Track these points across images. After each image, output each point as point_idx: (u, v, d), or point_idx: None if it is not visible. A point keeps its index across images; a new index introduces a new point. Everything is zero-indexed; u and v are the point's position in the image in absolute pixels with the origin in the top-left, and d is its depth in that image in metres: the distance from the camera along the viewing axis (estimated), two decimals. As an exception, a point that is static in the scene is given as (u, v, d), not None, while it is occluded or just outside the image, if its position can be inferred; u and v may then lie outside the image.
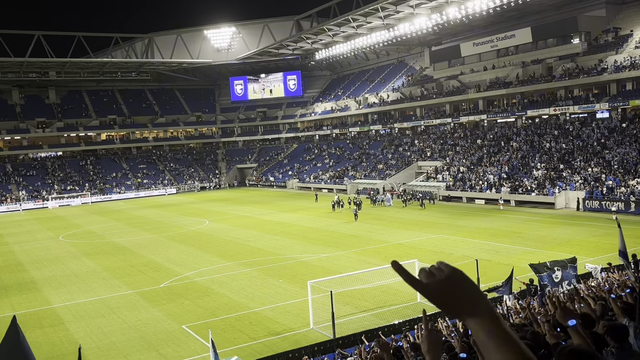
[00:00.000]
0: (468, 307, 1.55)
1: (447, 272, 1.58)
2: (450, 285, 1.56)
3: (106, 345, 19.05)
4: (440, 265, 1.61)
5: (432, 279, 1.57)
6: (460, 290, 1.56)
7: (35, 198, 76.02)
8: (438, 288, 1.55)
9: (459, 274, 1.58)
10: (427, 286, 1.57)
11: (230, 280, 27.06)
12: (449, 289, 1.55)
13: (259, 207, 58.10)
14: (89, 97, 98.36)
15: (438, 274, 1.58)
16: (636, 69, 49.18)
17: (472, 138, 63.12)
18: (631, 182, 40.87)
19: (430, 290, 1.56)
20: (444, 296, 1.55)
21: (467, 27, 68.36)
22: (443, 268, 1.60)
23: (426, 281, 1.57)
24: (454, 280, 1.57)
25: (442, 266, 1.61)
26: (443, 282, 1.56)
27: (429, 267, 1.62)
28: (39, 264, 34.41)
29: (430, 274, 1.59)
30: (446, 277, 1.57)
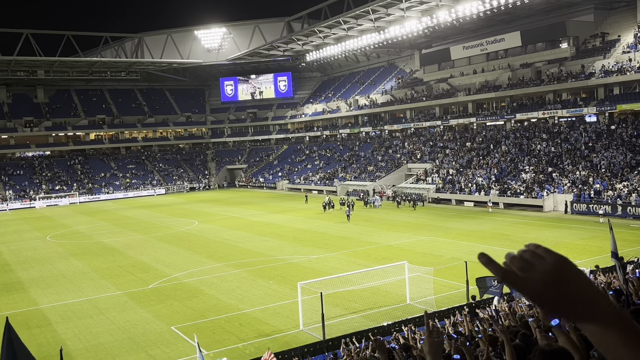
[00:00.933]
0: (584, 307, 1.20)
1: (551, 260, 1.23)
2: (558, 279, 1.21)
3: (94, 346, 18.92)
4: (539, 251, 1.25)
5: (531, 271, 1.22)
6: (572, 285, 1.21)
7: (22, 198, 75.35)
8: (542, 283, 1.21)
9: (566, 263, 1.24)
10: (526, 281, 1.22)
11: (220, 281, 26.98)
12: (556, 283, 1.21)
13: (249, 208, 57.99)
14: (77, 96, 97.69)
15: (540, 264, 1.22)
16: (623, 74, 49.71)
17: (462, 141, 63.46)
18: (618, 186, 41.29)
19: (531, 286, 1.22)
20: (550, 293, 1.21)
21: (458, 31, 68.76)
22: (544, 255, 1.24)
23: (524, 274, 1.23)
24: (562, 271, 1.22)
25: (541, 252, 1.25)
26: (548, 275, 1.21)
27: (522, 253, 1.26)
28: (26, 264, 34.10)
29: (529, 264, 1.23)
30: (552, 268, 1.22)
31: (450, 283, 23.74)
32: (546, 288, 1.20)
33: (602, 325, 1.19)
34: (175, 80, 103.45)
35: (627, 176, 42.26)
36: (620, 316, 1.20)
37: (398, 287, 22.58)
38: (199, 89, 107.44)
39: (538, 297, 1.22)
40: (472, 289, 20.48)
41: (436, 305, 20.53)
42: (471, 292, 20.13)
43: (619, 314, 1.20)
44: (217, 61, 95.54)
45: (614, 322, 1.19)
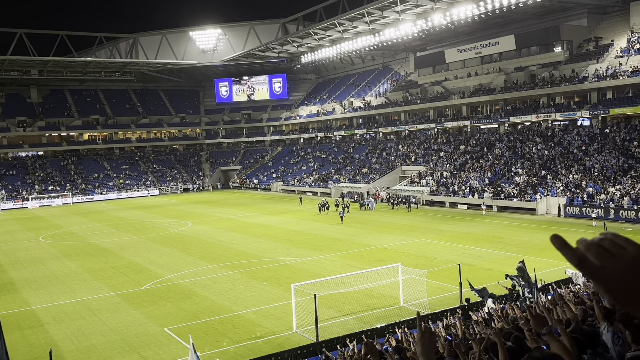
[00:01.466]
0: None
1: (632, 250, 1.17)
2: (638, 271, 1.14)
3: (87, 347, 18.84)
4: (618, 240, 1.19)
5: (609, 260, 1.16)
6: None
7: (14, 198, 74.92)
8: (619, 274, 1.14)
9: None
10: (603, 270, 1.16)
11: (213, 282, 26.93)
12: (635, 275, 1.14)
13: (243, 209, 57.91)
14: (71, 96, 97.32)
15: (619, 254, 1.16)
16: (616, 78, 50.02)
17: (456, 144, 63.64)
18: (611, 189, 41.50)
19: (608, 276, 1.16)
20: (627, 284, 1.14)
21: (452, 34, 68.98)
22: (623, 244, 1.18)
23: (600, 263, 1.17)
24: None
25: (621, 242, 1.19)
26: (628, 266, 1.14)
27: (600, 241, 1.20)
28: (18, 264, 33.92)
29: (608, 253, 1.17)
30: (633, 260, 1.15)
31: (444, 285, 23.80)
32: (624, 279, 1.14)
33: None
34: (169, 81, 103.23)
35: (620, 180, 42.50)
36: None
37: (392, 290, 22.60)
38: (194, 90, 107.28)
39: (614, 288, 1.16)
40: (465, 292, 20.54)
41: (430, 307, 20.56)
42: (464, 295, 20.19)
43: None
44: (212, 62, 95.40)
45: None
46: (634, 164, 43.75)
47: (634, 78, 48.42)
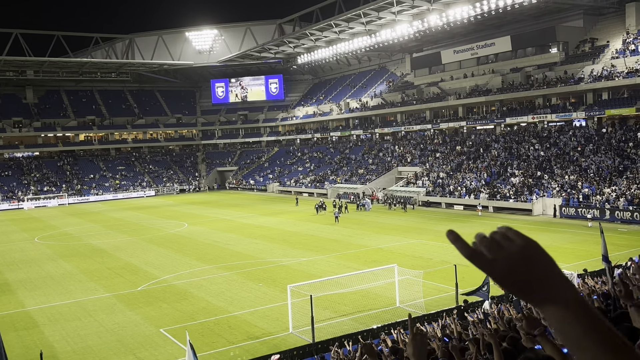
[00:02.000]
0: (549, 292, 1.20)
1: (519, 242, 1.23)
2: (525, 262, 1.21)
3: (82, 348, 18.79)
4: (509, 233, 1.26)
5: (499, 252, 1.23)
6: (538, 269, 1.21)
7: (10, 199, 74.68)
8: (507, 264, 1.21)
9: (534, 246, 1.23)
10: (493, 263, 1.23)
11: (209, 283, 26.89)
12: (522, 266, 1.21)
13: (239, 210, 57.86)
14: (67, 97, 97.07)
15: (507, 246, 1.23)
16: (612, 79, 50.18)
17: (452, 144, 63.72)
18: (606, 190, 41.62)
19: (497, 267, 1.22)
20: (516, 276, 1.21)
21: (448, 35, 69.09)
22: (513, 237, 1.25)
23: (491, 256, 1.23)
24: (529, 254, 1.22)
25: (511, 234, 1.26)
26: (514, 257, 1.21)
27: (492, 235, 1.28)
28: (14, 265, 33.80)
29: (497, 245, 1.24)
30: (519, 250, 1.22)
31: (440, 286, 23.82)
32: (512, 270, 1.20)
33: (563, 311, 1.19)
34: (165, 81, 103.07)
35: (616, 181, 42.62)
36: (580, 298, 1.20)
37: (388, 290, 22.61)
38: (190, 90, 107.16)
39: (503, 278, 1.22)
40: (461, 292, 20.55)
41: (426, 308, 20.58)
42: (461, 296, 20.20)
43: (582, 302, 1.20)
44: (208, 63, 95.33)
45: (573, 303, 1.19)
46: (629, 165, 43.88)
47: (630, 79, 48.59)
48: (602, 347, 1.14)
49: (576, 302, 1.20)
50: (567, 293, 1.21)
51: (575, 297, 1.20)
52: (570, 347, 1.18)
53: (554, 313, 1.20)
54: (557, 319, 1.20)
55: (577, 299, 1.20)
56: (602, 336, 1.15)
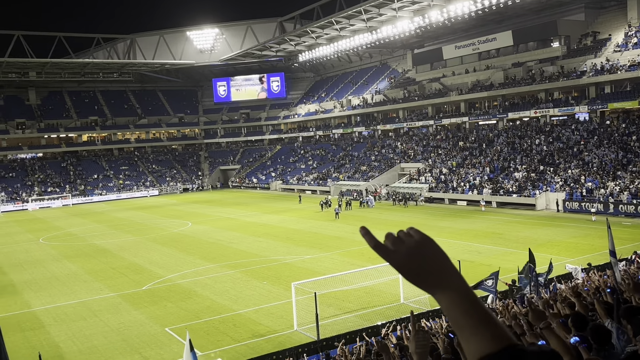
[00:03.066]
0: (438, 279, 1.41)
1: (416, 238, 1.45)
2: (419, 253, 1.42)
3: (88, 348, 18.86)
4: (410, 231, 1.48)
5: (399, 245, 1.44)
6: (430, 259, 1.42)
7: (14, 200, 74.93)
8: (405, 256, 1.42)
9: (429, 241, 1.45)
10: (394, 253, 1.43)
11: (214, 282, 26.96)
12: (417, 257, 1.42)
13: (242, 208, 57.92)
14: (70, 98, 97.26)
15: (407, 240, 1.44)
16: (614, 72, 50.03)
17: (454, 140, 63.64)
18: (610, 184, 41.53)
19: (397, 257, 1.42)
20: (412, 265, 1.41)
21: (449, 30, 68.97)
22: (413, 234, 1.47)
23: (393, 248, 1.44)
24: (424, 247, 1.43)
25: (412, 232, 1.48)
26: (411, 250, 1.42)
27: (398, 232, 1.49)
28: (19, 266, 33.93)
29: (398, 239, 1.45)
30: (415, 244, 1.43)
31: (444, 282, 23.79)
32: (409, 260, 1.41)
33: (451, 295, 1.39)
34: (167, 81, 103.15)
35: (619, 174, 42.52)
36: (466, 288, 1.40)
37: (392, 287, 22.63)
38: (192, 89, 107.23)
39: (401, 267, 1.42)
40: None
41: (430, 304, 20.59)
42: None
43: (465, 286, 1.41)
44: (210, 62, 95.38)
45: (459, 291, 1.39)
46: (632, 159, 43.77)
47: (632, 72, 48.44)
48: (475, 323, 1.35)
49: (459, 289, 1.40)
50: (453, 281, 1.41)
51: (459, 285, 1.41)
52: (454, 326, 1.37)
53: (442, 298, 1.40)
54: (444, 302, 1.40)
55: (461, 287, 1.40)
56: (477, 315, 1.36)
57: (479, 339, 1.33)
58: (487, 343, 1.33)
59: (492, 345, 1.32)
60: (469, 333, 1.35)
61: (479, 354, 1.32)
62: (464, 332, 1.36)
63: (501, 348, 1.32)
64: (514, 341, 1.34)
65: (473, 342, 1.34)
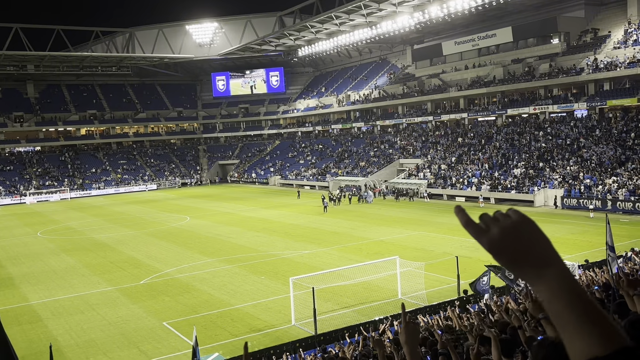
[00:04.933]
0: (538, 265, 1.25)
1: (515, 218, 1.29)
2: (518, 235, 1.26)
3: (86, 342, 18.90)
4: (509, 212, 1.32)
5: (493, 224, 1.28)
6: (530, 243, 1.26)
7: (12, 193, 74.85)
8: (501, 237, 1.26)
9: (528, 222, 1.28)
10: (488, 234, 1.27)
11: (212, 276, 26.99)
12: (515, 239, 1.26)
13: (241, 203, 57.94)
14: (68, 91, 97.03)
15: (503, 220, 1.28)
16: (613, 69, 50.01)
17: (453, 136, 63.64)
18: (608, 181, 41.58)
19: (492, 239, 1.26)
20: (508, 248, 1.26)
21: (449, 26, 68.87)
22: (511, 214, 1.30)
23: (486, 226, 1.29)
24: (523, 229, 1.27)
25: (510, 212, 1.32)
26: (508, 231, 1.26)
27: (495, 212, 1.33)
28: (17, 260, 33.94)
29: (493, 219, 1.30)
30: (513, 225, 1.27)
31: (442, 278, 23.89)
32: (502, 240, 1.26)
33: (552, 283, 1.23)
34: (166, 75, 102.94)
35: (617, 171, 42.57)
36: (570, 275, 1.24)
37: (390, 282, 22.68)
38: (191, 84, 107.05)
39: (493, 247, 1.26)
40: (463, 284, 20.63)
41: (427, 299, 20.65)
42: (462, 287, 20.27)
43: (569, 274, 1.24)
44: (209, 56, 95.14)
45: (563, 279, 1.23)
46: (631, 155, 43.81)
47: (631, 69, 48.42)
48: (580, 319, 1.17)
49: (562, 278, 1.23)
50: (555, 269, 1.25)
51: (562, 273, 1.24)
52: (554, 319, 1.22)
53: (542, 287, 1.24)
54: (545, 293, 1.24)
55: (564, 276, 1.24)
56: (583, 310, 1.18)
57: (585, 338, 1.16)
58: (595, 344, 1.14)
59: (601, 347, 1.13)
60: (573, 330, 1.18)
61: (584, 356, 1.14)
62: (566, 328, 1.19)
63: (612, 351, 1.13)
64: (628, 342, 1.15)
65: (577, 341, 1.16)
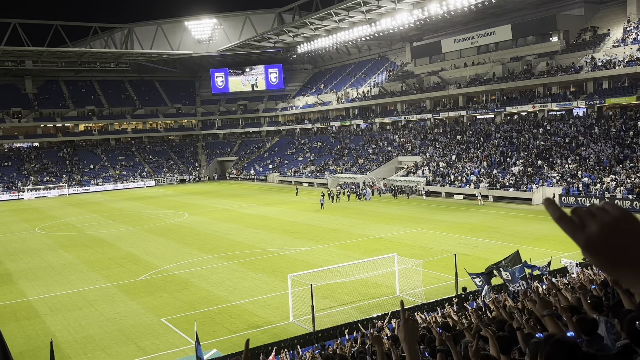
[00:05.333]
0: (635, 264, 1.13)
1: (615, 214, 1.18)
2: (618, 233, 1.14)
3: (84, 338, 18.89)
4: (606, 206, 1.20)
5: (590, 219, 1.17)
6: (631, 241, 1.14)
7: (10, 189, 74.76)
8: (600, 235, 1.15)
9: (630, 218, 1.16)
10: (585, 231, 1.17)
11: (210, 273, 26.99)
12: (616, 237, 1.15)
13: (239, 200, 57.93)
14: (66, 87, 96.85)
15: (600, 215, 1.17)
16: (612, 67, 50.02)
17: (452, 134, 63.65)
18: (606, 179, 41.62)
19: (590, 236, 1.16)
20: (604, 245, 1.15)
21: (449, 23, 68.85)
22: (609, 209, 1.19)
23: (580, 221, 1.19)
24: (625, 225, 1.15)
25: (608, 206, 1.20)
26: (605, 226, 1.15)
27: (590, 206, 1.23)
28: (15, 255, 33.91)
29: (589, 214, 1.19)
30: (612, 220, 1.16)
31: (440, 275, 23.91)
32: (601, 238, 1.15)
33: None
34: (165, 71, 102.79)
35: (615, 170, 42.61)
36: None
37: (388, 279, 22.70)
38: (189, 80, 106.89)
39: (590, 246, 1.16)
40: (461, 281, 20.65)
41: (426, 297, 20.67)
42: (460, 284, 20.29)
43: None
44: (208, 52, 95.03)
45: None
46: (629, 154, 43.86)
47: (630, 67, 48.44)
48: None
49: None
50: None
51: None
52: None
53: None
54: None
55: None
56: None
57: None
58: None
59: None
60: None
61: None
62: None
63: None
64: None
65: None
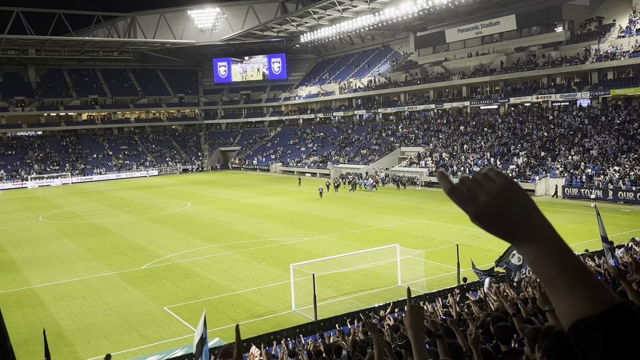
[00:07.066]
0: (525, 229, 1.21)
1: (499, 182, 1.23)
2: (503, 200, 1.21)
3: (87, 326, 19.01)
4: (490, 173, 1.26)
5: (478, 190, 1.23)
6: (516, 207, 1.22)
7: (14, 178, 74.96)
8: (487, 203, 1.21)
9: (513, 185, 1.23)
10: (473, 200, 1.22)
11: (213, 262, 27.09)
12: (501, 204, 1.21)
13: (242, 190, 57.98)
14: (69, 76, 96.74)
15: (487, 185, 1.23)
16: (617, 58, 49.72)
17: (455, 124, 63.47)
18: (609, 171, 41.52)
19: (477, 205, 1.22)
20: (493, 214, 1.21)
21: (453, 13, 68.39)
22: (494, 177, 1.24)
23: (471, 193, 1.23)
24: (509, 193, 1.22)
25: (492, 174, 1.25)
26: (494, 196, 1.21)
27: (475, 175, 1.27)
28: (18, 244, 34.06)
29: (477, 183, 1.24)
30: (499, 189, 1.22)
31: (442, 266, 23.95)
32: (490, 208, 1.21)
33: (539, 248, 1.20)
34: (168, 60, 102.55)
35: (619, 161, 42.48)
36: (559, 238, 1.21)
37: (390, 270, 22.74)
38: (192, 69, 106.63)
39: (480, 215, 1.22)
40: (463, 272, 20.69)
41: (427, 287, 20.72)
42: (462, 275, 20.33)
43: (558, 237, 1.21)
44: (211, 42, 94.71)
45: (552, 243, 1.20)
46: (633, 145, 43.69)
47: (635, 58, 48.14)
48: (571, 280, 1.16)
49: (550, 241, 1.20)
50: (543, 232, 1.21)
51: (550, 236, 1.21)
52: (544, 284, 1.20)
53: (529, 250, 1.21)
54: (532, 256, 1.21)
55: (552, 238, 1.21)
56: (573, 271, 1.17)
57: (575, 299, 1.14)
58: (585, 304, 1.13)
59: (592, 307, 1.12)
60: (563, 292, 1.16)
61: (574, 317, 1.13)
62: (556, 290, 1.18)
63: (603, 310, 1.11)
64: (618, 301, 1.13)
65: (567, 302, 1.15)
